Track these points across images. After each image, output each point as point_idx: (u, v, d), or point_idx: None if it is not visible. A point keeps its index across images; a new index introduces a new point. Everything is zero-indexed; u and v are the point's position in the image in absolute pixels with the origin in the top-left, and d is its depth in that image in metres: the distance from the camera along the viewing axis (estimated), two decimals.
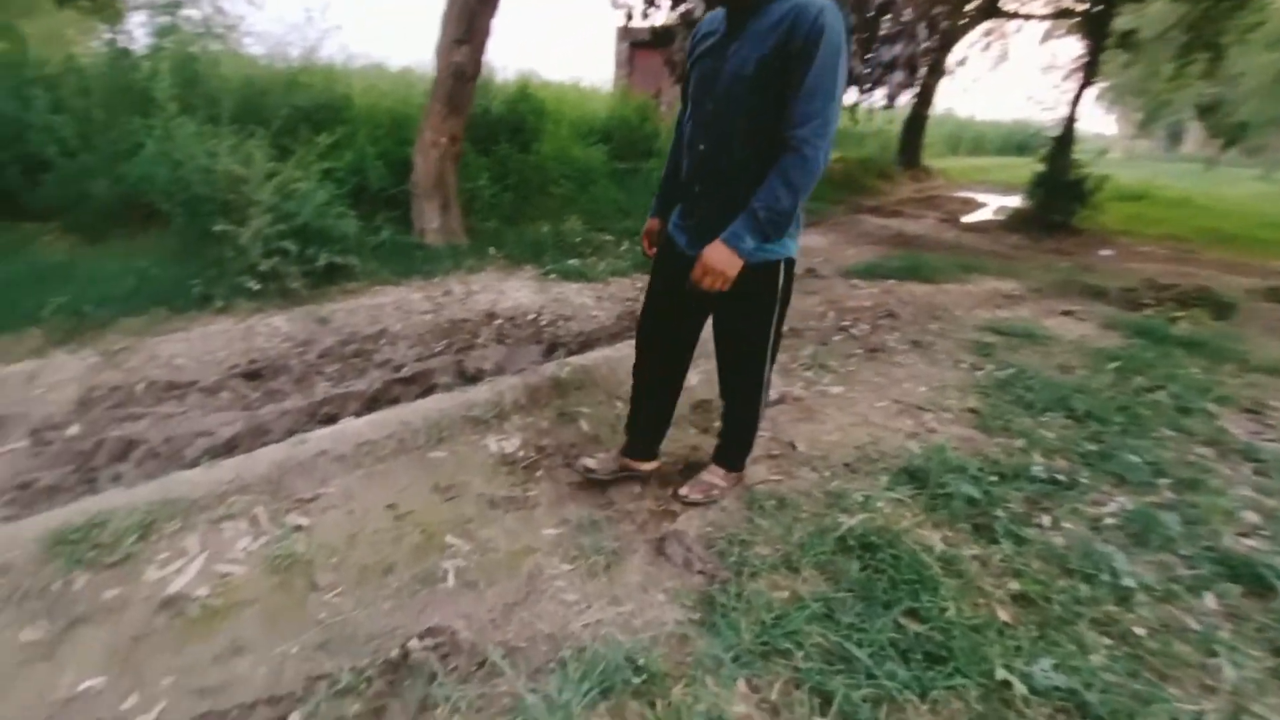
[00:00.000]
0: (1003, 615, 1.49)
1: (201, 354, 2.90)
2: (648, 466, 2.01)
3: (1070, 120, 7.97)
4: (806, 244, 6.01)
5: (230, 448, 2.29)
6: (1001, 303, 4.28)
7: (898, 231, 7.19)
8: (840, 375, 2.90)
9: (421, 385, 2.83)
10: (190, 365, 2.81)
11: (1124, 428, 2.45)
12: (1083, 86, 8.14)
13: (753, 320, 1.69)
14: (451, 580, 1.59)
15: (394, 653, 1.36)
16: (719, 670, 1.31)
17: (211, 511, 1.77)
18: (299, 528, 1.75)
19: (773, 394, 2.64)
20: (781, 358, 3.03)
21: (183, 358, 2.85)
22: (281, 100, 4.59)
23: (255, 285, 3.37)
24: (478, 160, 5.12)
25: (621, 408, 2.53)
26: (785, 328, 1.79)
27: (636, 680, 1.26)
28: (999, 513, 1.86)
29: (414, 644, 1.39)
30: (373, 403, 2.67)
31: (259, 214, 3.34)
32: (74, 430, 2.32)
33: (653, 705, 1.23)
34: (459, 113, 4.35)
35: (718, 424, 2.01)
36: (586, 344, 3.33)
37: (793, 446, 2.23)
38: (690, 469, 2.05)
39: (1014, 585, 1.60)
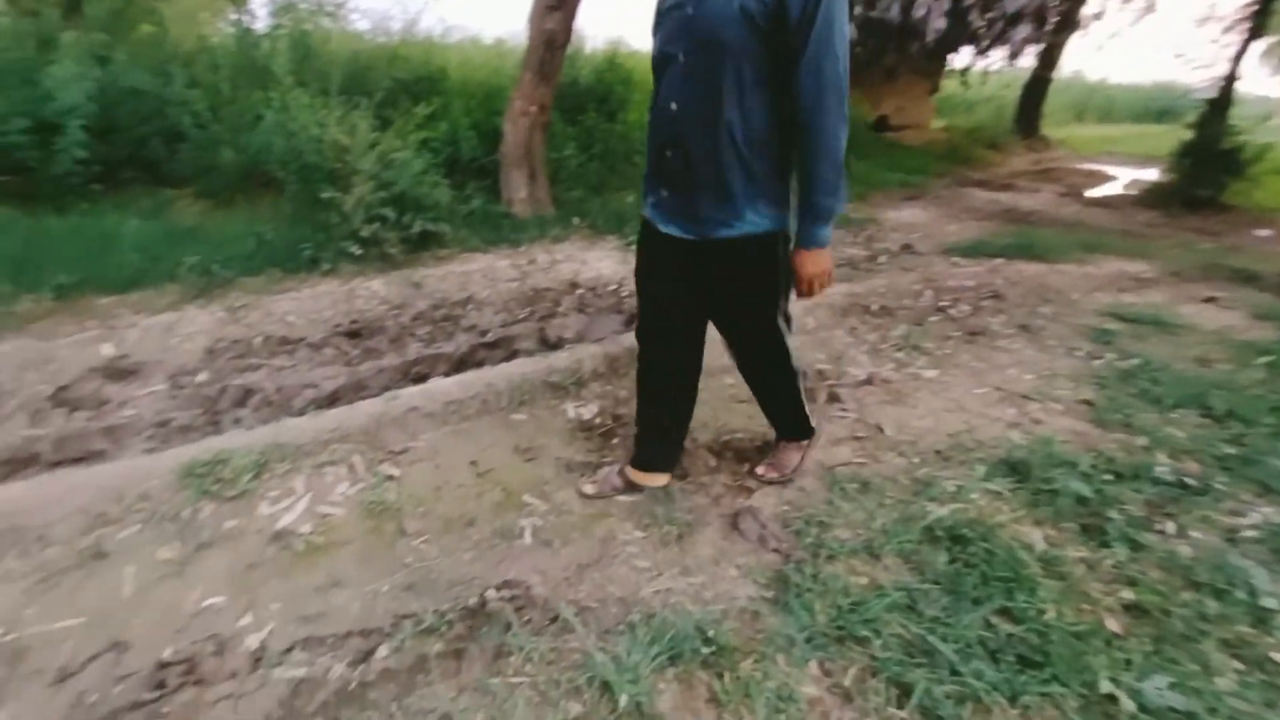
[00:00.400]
0: (1111, 625, 1.36)
1: (310, 313, 3.12)
2: (659, 480, 1.80)
3: (1229, 80, 6.95)
4: (902, 218, 5.66)
5: (333, 400, 2.46)
6: (1128, 286, 3.85)
7: (1009, 206, 6.61)
8: (935, 358, 2.72)
9: (505, 350, 2.92)
10: (300, 323, 3.04)
11: (1275, 431, 2.14)
12: (1248, 40, 7.06)
13: (756, 295, 1.54)
14: (528, 538, 1.64)
15: (473, 600, 1.43)
16: (791, 650, 1.28)
17: (316, 457, 1.91)
18: (391, 477, 1.86)
19: (860, 374, 2.52)
20: (870, 337, 2.89)
21: (293, 315, 3.08)
22: (384, 73, 4.80)
23: (357, 250, 3.57)
24: (565, 130, 5.15)
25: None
26: (876, 305, 1.68)
27: (705, 651, 1.26)
28: (1113, 514, 1.68)
29: (491, 594, 1.45)
30: (460, 364, 2.78)
31: (362, 182, 3.53)
32: (203, 377, 2.58)
33: (720, 677, 1.22)
34: (548, 81, 4.37)
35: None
36: None
37: (880, 430, 2.12)
38: (768, 446, 1.99)
39: (1127, 594, 1.45)
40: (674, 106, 1.42)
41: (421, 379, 2.60)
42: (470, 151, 4.61)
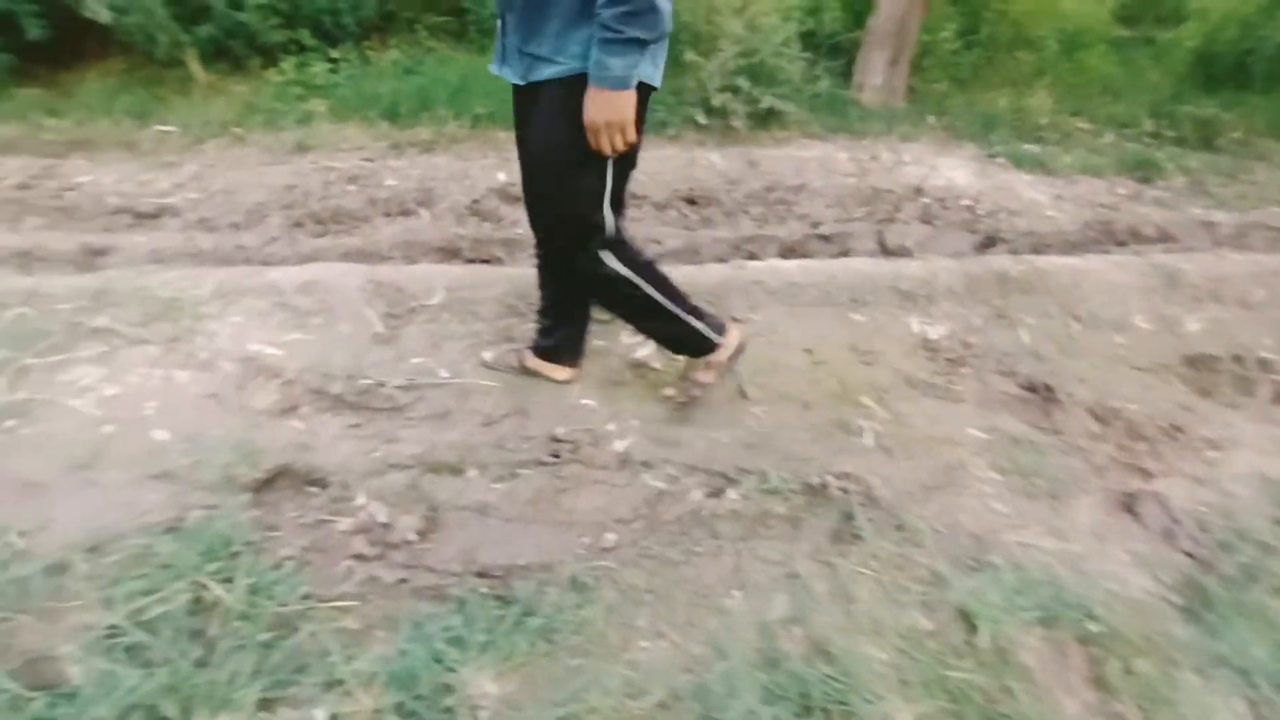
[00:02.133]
0: None
1: (654, 174, 3.29)
2: (560, 374, 1.70)
3: None
4: None
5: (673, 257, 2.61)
6: None
7: None
8: None
9: (838, 246, 2.76)
10: (646, 182, 3.22)
11: None
12: None
13: (561, 145, 1.25)
14: (869, 440, 1.58)
15: (814, 480, 1.44)
16: (1209, 672, 1.04)
17: None
18: None
19: None
20: None
21: (640, 174, 3.25)
22: None
23: (703, 119, 3.61)
24: (945, 8, 4.39)
25: (1076, 329, 2.09)
26: None
27: (1090, 627, 1.09)
28: None
29: (831, 480, 1.44)
30: (789, 251, 2.72)
31: (728, 45, 3.47)
32: None
33: (1105, 663, 1.06)
34: None
35: None
36: (1034, 248, 2.77)
37: None
38: (1174, 428, 1.59)
39: None
40: None
41: (751, 257, 2.60)
42: (831, 25, 4.21)
